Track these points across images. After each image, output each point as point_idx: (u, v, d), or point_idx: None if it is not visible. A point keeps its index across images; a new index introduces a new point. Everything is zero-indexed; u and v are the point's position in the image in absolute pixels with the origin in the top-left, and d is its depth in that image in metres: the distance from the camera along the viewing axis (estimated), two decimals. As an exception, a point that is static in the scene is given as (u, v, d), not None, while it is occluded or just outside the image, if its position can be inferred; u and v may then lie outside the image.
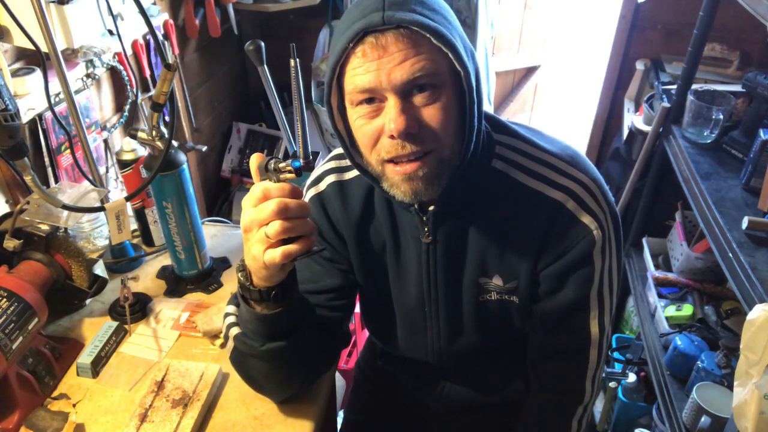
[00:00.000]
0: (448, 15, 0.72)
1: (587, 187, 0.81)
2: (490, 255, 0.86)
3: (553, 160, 0.82)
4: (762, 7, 1.30)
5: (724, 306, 1.72)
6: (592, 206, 0.80)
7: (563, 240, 0.81)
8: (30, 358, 1.01)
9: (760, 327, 1.04)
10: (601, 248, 0.81)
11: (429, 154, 0.73)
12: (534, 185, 0.81)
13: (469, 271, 0.88)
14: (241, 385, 1.04)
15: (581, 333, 0.87)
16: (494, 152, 0.82)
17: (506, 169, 0.82)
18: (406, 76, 0.68)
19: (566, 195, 0.80)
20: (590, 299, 0.84)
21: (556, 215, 0.80)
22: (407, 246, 0.89)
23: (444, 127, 0.72)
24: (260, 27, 2.63)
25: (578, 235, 0.80)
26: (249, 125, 2.67)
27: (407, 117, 0.70)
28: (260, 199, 0.70)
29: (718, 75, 2.06)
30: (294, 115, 1.20)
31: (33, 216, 1.10)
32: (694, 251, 1.78)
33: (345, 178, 0.90)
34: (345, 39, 0.68)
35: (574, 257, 0.81)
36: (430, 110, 0.71)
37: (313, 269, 0.95)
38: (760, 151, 1.41)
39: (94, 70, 1.53)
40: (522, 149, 0.83)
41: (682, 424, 1.49)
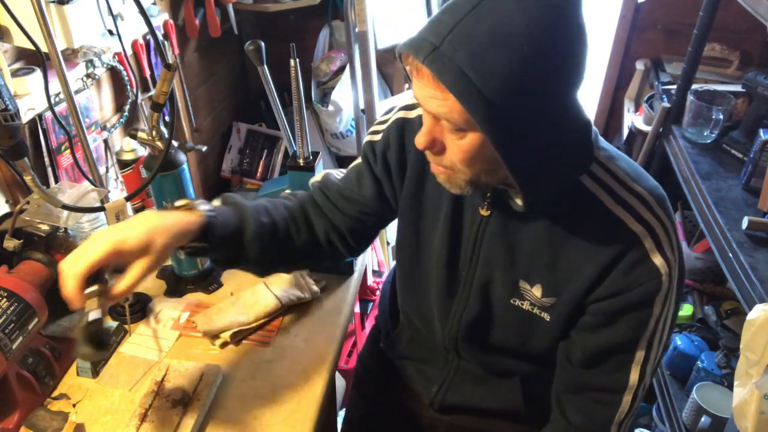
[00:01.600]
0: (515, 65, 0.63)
1: (667, 229, 0.78)
2: (541, 261, 0.83)
3: (644, 193, 0.79)
4: (762, 7, 1.31)
5: (724, 306, 1.72)
6: (667, 250, 0.77)
7: (629, 276, 0.77)
8: (30, 358, 1.01)
9: (760, 327, 1.04)
10: (665, 295, 0.78)
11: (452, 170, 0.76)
12: (617, 211, 0.78)
13: (513, 267, 0.86)
14: (241, 385, 1.04)
15: (620, 375, 0.84)
16: (588, 169, 0.79)
17: (593, 188, 0.79)
18: (432, 110, 0.70)
19: (646, 231, 0.77)
20: (638, 344, 0.81)
21: (630, 248, 0.77)
22: (466, 208, 0.89)
23: (466, 163, 0.73)
24: (260, 27, 2.63)
25: (646, 275, 0.77)
26: (249, 125, 2.67)
27: (428, 139, 0.73)
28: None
29: (718, 75, 2.06)
30: (294, 115, 1.20)
31: (33, 216, 1.10)
32: (694, 251, 1.78)
33: None
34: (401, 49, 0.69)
35: (635, 297, 0.78)
36: (453, 144, 0.72)
37: (361, 174, 0.99)
38: (760, 151, 1.41)
39: (94, 70, 1.53)
40: (616, 173, 0.79)
41: (682, 424, 1.49)
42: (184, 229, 0.81)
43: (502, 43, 0.62)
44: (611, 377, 0.85)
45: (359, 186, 0.99)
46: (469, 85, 0.63)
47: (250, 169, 2.66)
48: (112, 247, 0.76)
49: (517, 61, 0.62)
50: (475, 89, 0.63)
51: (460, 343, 0.99)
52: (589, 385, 0.88)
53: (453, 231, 0.91)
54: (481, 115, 0.64)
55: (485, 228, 0.87)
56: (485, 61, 0.62)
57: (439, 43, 0.64)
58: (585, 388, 0.89)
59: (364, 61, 2.14)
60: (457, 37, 0.63)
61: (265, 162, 2.66)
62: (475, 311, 0.93)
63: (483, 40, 0.62)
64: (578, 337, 0.86)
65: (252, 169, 2.66)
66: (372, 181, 0.98)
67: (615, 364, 0.84)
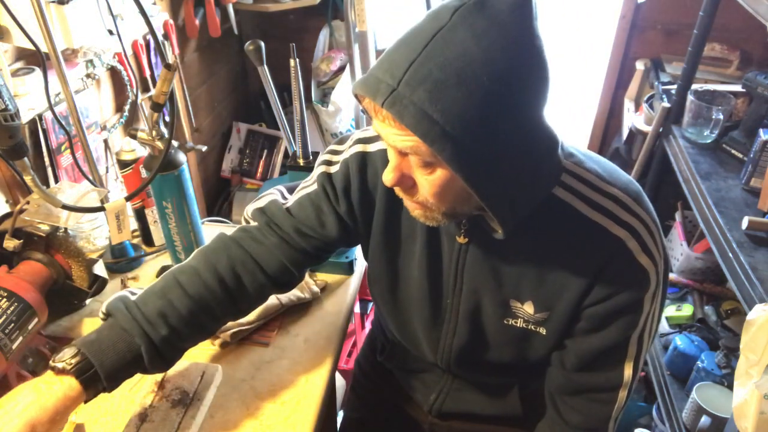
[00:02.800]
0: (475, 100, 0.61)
1: (649, 227, 0.78)
2: (527, 279, 0.82)
3: (619, 194, 0.78)
4: (762, 7, 1.31)
5: (724, 306, 1.72)
6: (652, 248, 0.77)
7: (617, 279, 0.77)
8: (30, 358, 1.01)
9: (760, 327, 1.04)
10: (653, 294, 0.79)
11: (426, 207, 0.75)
12: (597, 219, 0.77)
13: (501, 289, 0.85)
14: (241, 385, 1.04)
15: (614, 374, 0.84)
16: (559, 180, 0.78)
17: (568, 198, 0.77)
18: (393, 143, 0.68)
19: (629, 233, 0.76)
20: (630, 342, 0.82)
21: (616, 253, 0.76)
22: (443, 238, 0.87)
23: (438, 197, 0.72)
24: (260, 27, 2.63)
25: (634, 277, 0.77)
26: (249, 125, 2.67)
27: (396, 176, 0.71)
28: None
29: (718, 75, 2.06)
30: (294, 115, 1.20)
31: (33, 216, 1.10)
32: (694, 251, 1.78)
33: None
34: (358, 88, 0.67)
35: (626, 299, 0.78)
36: (423, 180, 0.71)
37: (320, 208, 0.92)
38: (760, 151, 1.41)
39: (94, 70, 1.53)
40: (587, 179, 0.78)
41: (682, 424, 1.49)
42: (67, 407, 0.76)
43: (460, 77, 0.60)
44: (606, 377, 0.86)
45: (321, 225, 0.92)
46: (432, 124, 0.61)
47: (250, 169, 2.66)
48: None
49: (478, 94, 0.60)
50: (438, 127, 0.61)
51: (453, 365, 0.98)
52: (585, 386, 0.88)
53: (432, 261, 0.89)
54: (448, 152, 0.62)
55: (465, 256, 0.85)
56: (446, 98, 0.60)
57: (396, 85, 0.62)
58: (581, 390, 0.89)
59: (364, 61, 2.15)
60: (414, 77, 0.61)
61: (265, 162, 2.66)
62: (465, 337, 0.93)
63: (441, 77, 0.60)
64: (572, 343, 0.86)
65: (252, 169, 2.66)
66: (336, 221, 0.91)
67: (609, 364, 0.85)
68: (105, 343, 0.80)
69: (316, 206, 0.92)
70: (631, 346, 0.82)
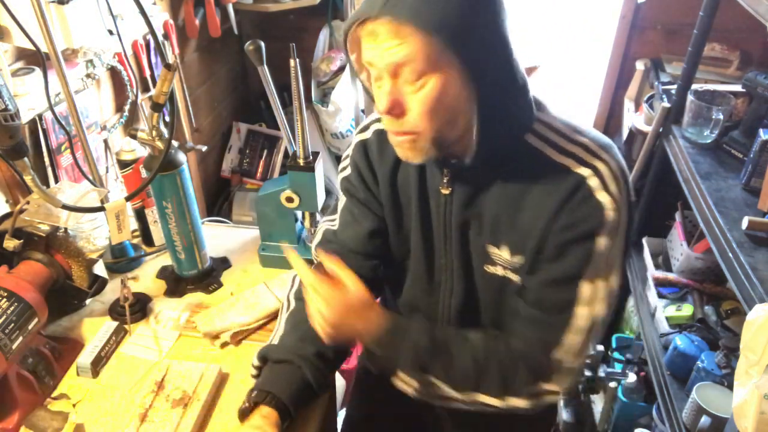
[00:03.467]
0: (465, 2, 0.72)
1: (613, 171, 0.81)
2: (504, 223, 0.87)
3: (588, 142, 0.83)
4: (762, 7, 1.31)
5: (724, 306, 1.71)
6: (613, 189, 0.80)
7: (575, 213, 0.81)
8: (30, 358, 1.01)
9: (760, 327, 1.04)
10: (609, 230, 0.80)
11: (415, 134, 0.79)
12: (563, 161, 0.82)
13: (481, 235, 0.90)
14: (241, 385, 1.04)
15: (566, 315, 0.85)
16: (531, 127, 0.84)
17: (539, 145, 0.83)
18: (391, 60, 0.73)
19: (592, 172, 0.80)
20: (583, 279, 0.83)
21: (577, 189, 0.81)
22: (431, 195, 0.93)
23: (428, 116, 0.76)
24: (260, 27, 2.63)
25: (591, 211, 0.80)
26: (249, 125, 2.67)
27: (391, 100, 0.76)
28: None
29: (718, 75, 2.06)
30: (294, 115, 1.20)
31: (33, 216, 1.10)
32: (694, 251, 1.78)
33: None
34: (349, 23, 0.76)
35: (581, 231, 0.81)
36: (414, 99, 0.76)
37: (353, 211, 1.02)
38: (760, 151, 1.41)
39: (94, 70, 1.53)
40: (559, 128, 0.84)
41: (682, 424, 1.49)
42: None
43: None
44: (557, 315, 0.86)
45: (357, 225, 1.01)
46: (429, 13, 0.69)
47: (250, 169, 2.66)
48: None
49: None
50: (436, 16, 0.69)
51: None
52: (536, 320, 0.88)
53: (424, 221, 0.95)
54: (444, 35, 0.70)
55: (451, 208, 0.90)
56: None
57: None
58: (532, 323, 0.89)
59: (364, 61, 2.14)
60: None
61: (265, 162, 2.66)
62: (460, 296, 0.97)
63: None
64: (530, 279, 0.88)
65: (252, 169, 2.66)
66: (367, 213, 1.01)
67: (562, 301, 0.85)
68: (271, 377, 0.93)
69: (349, 211, 1.03)
70: (583, 288, 0.83)
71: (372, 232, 1.00)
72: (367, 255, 1.01)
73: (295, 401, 0.91)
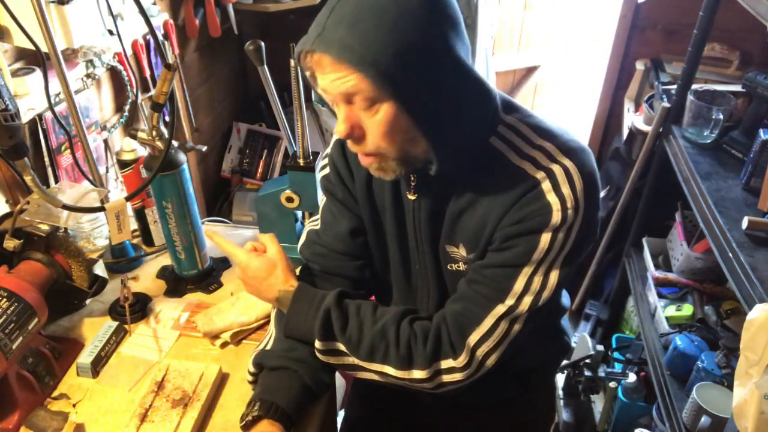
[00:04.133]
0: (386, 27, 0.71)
1: (571, 175, 0.81)
2: (460, 223, 0.89)
3: (549, 146, 0.83)
4: (762, 7, 1.31)
5: (724, 306, 1.71)
6: (564, 190, 0.81)
7: (523, 211, 0.82)
8: (30, 358, 1.01)
9: (760, 327, 1.04)
10: (554, 229, 0.81)
11: (377, 155, 0.81)
12: (522, 164, 0.83)
13: (443, 236, 0.92)
14: (241, 386, 1.04)
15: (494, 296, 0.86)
16: (496, 131, 0.85)
17: (501, 148, 0.85)
18: (337, 90, 0.75)
19: (546, 175, 0.82)
20: (519, 274, 0.84)
21: (529, 190, 0.82)
22: (403, 201, 0.94)
23: (387, 138, 0.78)
24: (260, 27, 2.63)
25: (538, 210, 0.81)
26: (249, 125, 2.67)
27: (348, 126, 0.78)
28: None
29: (718, 75, 2.06)
30: (294, 115, 1.20)
31: (33, 216, 1.10)
32: (694, 251, 1.78)
33: None
34: (297, 51, 0.77)
35: (526, 227, 0.82)
36: (371, 123, 0.78)
37: (332, 211, 1.02)
38: (760, 151, 1.41)
39: (94, 70, 1.53)
40: (523, 133, 0.85)
41: (682, 424, 1.49)
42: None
43: (371, 12, 0.71)
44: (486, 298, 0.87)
45: (337, 224, 1.01)
46: (352, 51, 0.71)
47: (250, 169, 2.66)
48: None
49: (387, 23, 0.70)
50: (358, 53, 0.70)
51: None
52: (465, 296, 0.89)
53: (399, 228, 0.97)
54: (372, 74, 0.71)
55: (419, 214, 0.92)
56: (360, 30, 0.71)
57: (322, 30, 0.73)
58: (460, 298, 0.90)
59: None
60: (333, 21, 0.73)
61: (265, 162, 2.66)
62: (437, 296, 0.99)
63: (353, 16, 0.71)
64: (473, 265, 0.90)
65: (252, 169, 2.66)
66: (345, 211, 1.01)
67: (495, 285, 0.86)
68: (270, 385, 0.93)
69: (330, 210, 1.03)
70: (519, 279, 0.85)
71: (353, 231, 1.00)
72: (352, 255, 1.01)
73: (297, 408, 0.91)
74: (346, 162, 0.98)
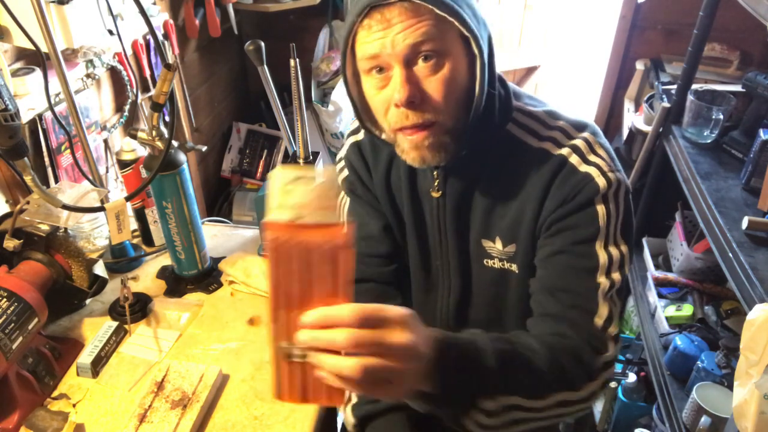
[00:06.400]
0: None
1: (592, 145, 0.83)
2: (494, 215, 0.88)
3: (564, 124, 0.85)
4: (762, 7, 1.31)
5: (724, 306, 1.71)
6: (594, 159, 0.81)
7: (564, 189, 0.81)
8: (30, 358, 1.01)
9: (760, 327, 1.04)
10: (604, 194, 0.80)
11: (434, 124, 0.78)
12: (542, 146, 0.83)
13: (475, 231, 0.90)
14: (241, 386, 1.04)
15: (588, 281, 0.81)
16: (511, 117, 0.86)
17: (520, 134, 0.85)
18: (409, 41, 0.72)
19: (570, 150, 0.82)
20: (596, 251, 0.81)
21: (560, 169, 0.82)
22: (422, 199, 0.94)
23: (447, 98, 0.76)
24: (260, 27, 2.63)
25: (580, 182, 0.80)
26: (249, 125, 2.67)
27: (410, 87, 0.75)
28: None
29: (718, 75, 2.06)
30: (294, 115, 1.20)
31: (33, 216, 1.10)
32: (694, 251, 1.78)
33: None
34: (353, 14, 0.74)
35: (577, 203, 0.80)
36: (433, 81, 0.75)
37: (359, 211, 1.00)
38: (760, 151, 1.41)
39: (94, 70, 1.53)
40: (537, 116, 0.86)
41: (682, 424, 1.49)
42: None
43: None
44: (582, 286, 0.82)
45: (367, 225, 0.99)
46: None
47: (250, 169, 2.66)
48: None
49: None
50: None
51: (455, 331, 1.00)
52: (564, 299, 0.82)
53: (418, 226, 0.96)
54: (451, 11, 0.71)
55: (444, 211, 0.91)
56: None
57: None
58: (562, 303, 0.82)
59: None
60: None
61: (265, 162, 2.66)
62: (458, 294, 0.98)
63: None
64: (541, 267, 0.86)
65: (252, 169, 2.66)
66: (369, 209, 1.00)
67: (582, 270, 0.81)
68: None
69: (356, 212, 1.01)
70: (598, 255, 0.81)
71: (385, 228, 0.99)
72: (387, 257, 0.99)
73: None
74: (364, 162, 0.98)
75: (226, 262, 1.30)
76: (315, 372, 0.61)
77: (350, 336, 0.57)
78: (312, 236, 0.59)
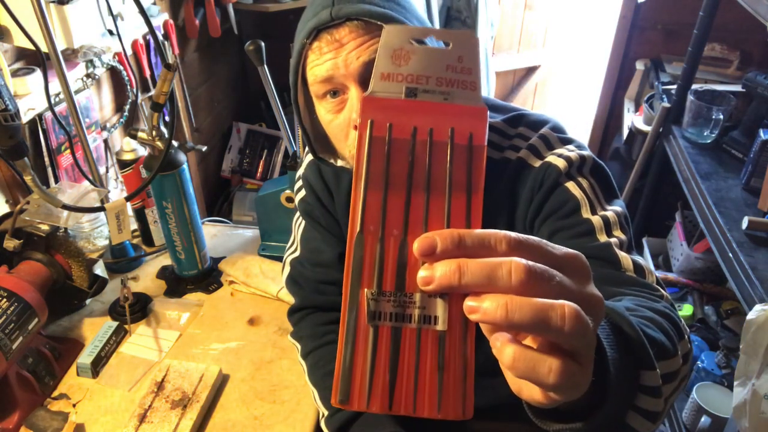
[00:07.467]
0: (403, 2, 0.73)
1: (548, 140, 0.83)
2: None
3: (523, 130, 0.85)
4: (762, 7, 1.31)
5: (724, 306, 1.72)
6: (550, 149, 0.82)
7: (526, 186, 0.81)
8: (30, 358, 1.01)
9: (760, 327, 1.04)
10: (567, 174, 0.78)
11: None
12: (503, 155, 0.83)
13: None
14: (241, 386, 1.04)
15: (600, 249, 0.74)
16: None
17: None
18: (363, 58, 0.70)
19: (528, 151, 0.82)
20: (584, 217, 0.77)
21: (519, 173, 0.82)
22: None
23: None
24: (260, 27, 2.63)
25: (539, 173, 0.80)
26: (249, 125, 2.67)
27: None
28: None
29: (718, 75, 2.06)
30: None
31: (33, 216, 1.10)
32: (694, 251, 1.78)
33: None
34: (301, 38, 0.72)
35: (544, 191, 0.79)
36: None
37: (315, 237, 0.97)
38: (760, 151, 1.41)
39: (94, 70, 1.53)
40: (497, 127, 0.85)
41: (682, 424, 1.49)
42: None
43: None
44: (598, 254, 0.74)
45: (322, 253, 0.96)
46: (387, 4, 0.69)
47: (250, 169, 2.66)
48: None
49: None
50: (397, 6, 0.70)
51: None
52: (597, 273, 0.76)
53: None
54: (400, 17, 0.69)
55: None
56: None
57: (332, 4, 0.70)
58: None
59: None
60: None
61: (265, 162, 2.66)
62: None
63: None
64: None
65: (252, 169, 2.66)
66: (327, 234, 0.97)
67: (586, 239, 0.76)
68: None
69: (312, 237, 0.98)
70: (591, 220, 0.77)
71: (340, 256, 0.94)
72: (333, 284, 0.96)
73: None
74: (323, 183, 0.94)
75: (226, 262, 1.30)
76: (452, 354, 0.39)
77: (528, 267, 0.35)
78: (439, 122, 0.40)
